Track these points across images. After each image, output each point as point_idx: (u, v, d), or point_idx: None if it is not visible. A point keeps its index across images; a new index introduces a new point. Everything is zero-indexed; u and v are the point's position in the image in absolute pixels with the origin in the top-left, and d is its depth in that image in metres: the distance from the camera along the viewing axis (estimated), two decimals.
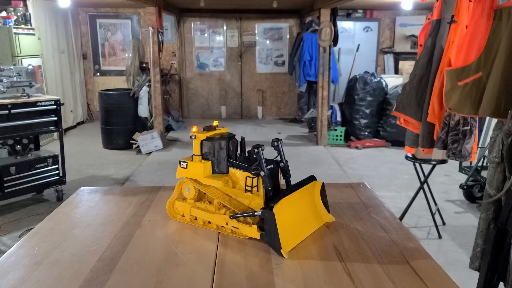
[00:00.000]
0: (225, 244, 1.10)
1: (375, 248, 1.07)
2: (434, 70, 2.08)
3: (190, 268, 0.99)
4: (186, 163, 1.22)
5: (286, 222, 1.07)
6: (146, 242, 1.12)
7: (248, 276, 0.95)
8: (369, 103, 6.33)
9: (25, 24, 5.81)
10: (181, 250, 1.08)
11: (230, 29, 8.46)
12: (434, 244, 3.18)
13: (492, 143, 1.67)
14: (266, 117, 8.81)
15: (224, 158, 1.21)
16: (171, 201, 1.28)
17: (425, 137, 2.14)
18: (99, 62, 8.16)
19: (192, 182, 1.21)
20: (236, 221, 1.13)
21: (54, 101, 3.82)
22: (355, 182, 1.61)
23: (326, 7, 6.06)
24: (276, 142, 1.21)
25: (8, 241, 3.16)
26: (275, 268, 0.98)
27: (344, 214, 1.29)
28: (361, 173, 4.98)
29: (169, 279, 0.94)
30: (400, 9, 7.32)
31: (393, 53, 8.41)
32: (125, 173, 4.85)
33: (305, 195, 1.19)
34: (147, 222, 1.25)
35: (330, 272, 0.96)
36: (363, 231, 1.17)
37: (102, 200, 1.46)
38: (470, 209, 3.85)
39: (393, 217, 1.28)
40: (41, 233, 1.19)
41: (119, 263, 1.01)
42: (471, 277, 1.91)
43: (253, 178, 1.11)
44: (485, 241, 1.69)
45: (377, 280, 0.93)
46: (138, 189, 1.56)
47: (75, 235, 1.17)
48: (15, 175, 3.63)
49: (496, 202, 1.66)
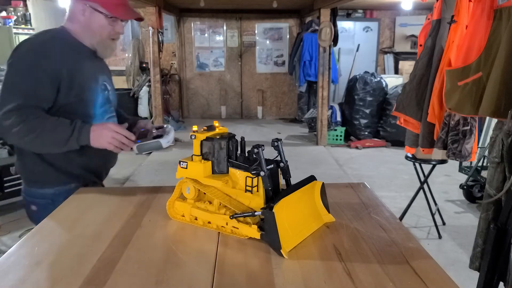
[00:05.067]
0: (225, 244, 1.10)
1: (375, 248, 1.07)
2: (434, 70, 2.08)
3: (190, 268, 0.99)
4: (186, 163, 1.22)
5: (286, 222, 1.07)
6: (146, 242, 1.12)
7: (248, 276, 0.95)
8: (369, 103, 6.33)
9: (25, 24, 5.81)
10: (181, 250, 1.08)
11: (230, 29, 8.46)
12: (434, 244, 3.18)
13: (492, 143, 1.67)
14: (266, 117, 8.81)
15: (224, 158, 1.21)
16: (171, 201, 1.28)
17: (425, 137, 2.14)
18: None
19: (192, 182, 1.21)
20: (236, 221, 1.13)
21: None
22: (355, 182, 1.61)
23: (326, 7, 6.06)
24: (276, 142, 1.21)
25: (8, 241, 3.16)
26: (275, 268, 0.98)
27: (344, 214, 1.29)
28: (361, 173, 4.98)
29: (169, 279, 0.94)
30: (400, 9, 7.32)
31: (393, 53, 8.41)
32: (125, 173, 4.85)
33: (305, 195, 1.19)
34: (147, 222, 1.25)
35: (330, 272, 0.96)
36: (363, 231, 1.17)
37: (102, 200, 1.46)
38: (470, 209, 3.85)
39: (393, 217, 1.28)
40: (41, 233, 1.19)
41: (119, 263, 1.01)
42: (471, 277, 1.91)
43: (253, 178, 1.10)
44: (485, 241, 1.69)
45: (377, 280, 0.93)
46: (138, 189, 1.56)
47: (75, 235, 1.17)
48: (15, 175, 3.63)
49: (496, 202, 1.66)
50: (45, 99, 1.46)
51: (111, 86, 1.72)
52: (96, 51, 1.62)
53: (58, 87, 1.47)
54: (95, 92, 1.58)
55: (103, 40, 1.59)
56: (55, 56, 1.47)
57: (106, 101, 1.65)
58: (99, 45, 1.60)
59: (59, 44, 1.53)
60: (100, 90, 1.61)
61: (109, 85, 1.69)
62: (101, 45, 1.60)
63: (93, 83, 1.57)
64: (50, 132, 1.42)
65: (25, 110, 1.39)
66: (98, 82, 1.60)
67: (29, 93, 1.42)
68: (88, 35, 1.58)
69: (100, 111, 1.61)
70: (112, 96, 1.71)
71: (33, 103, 1.42)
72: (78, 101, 1.52)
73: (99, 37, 1.58)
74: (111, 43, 1.62)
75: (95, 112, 1.58)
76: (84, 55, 1.58)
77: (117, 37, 1.62)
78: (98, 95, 1.60)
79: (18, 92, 1.41)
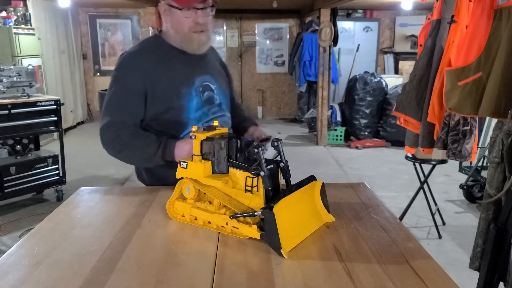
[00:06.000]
0: (225, 244, 1.10)
1: (375, 248, 1.07)
2: (434, 70, 2.08)
3: (190, 268, 0.99)
4: (186, 163, 1.22)
5: (286, 222, 1.07)
6: (146, 242, 1.12)
7: (248, 276, 0.95)
8: (369, 103, 6.33)
9: (25, 24, 5.81)
10: (181, 250, 1.08)
11: (230, 29, 8.46)
12: (434, 244, 3.18)
13: (492, 143, 1.67)
14: (266, 117, 8.81)
15: (224, 158, 1.21)
16: (171, 201, 1.28)
17: (425, 137, 2.14)
18: (99, 62, 8.16)
19: (192, 182, 1.21)
20: (236, 221, 1.13)
21: (54, 101, 3.82)
22: (355, 182, 1.61)
23: (326, 7, 6.06)
24: (276, 142, 1.22)
25: (8, 241, 3.16)
26: (275, 268, 0.98)
27: (344, 214, 1.29)
28: (361, 173, 4.98)
29: (169, 279, 0.94)
30: (400, 9, 7.32)
31: (393, 53, 8.41)
32: (125, 173, 4.84)
33: (305, 195, 1.19)
34: (147, 222, 1.25)
35: (330, 272, 0.96)
36: (363, 231, 1.17)
37: (102, 200, 1.46)
38: (470, 209, 3.85)
39: (393, 217, 1.28)
40: (41, 233, 1.19)
41: (119, 263, 1.01)
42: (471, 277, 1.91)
43: (253, 178, 1.11)
44: (485, 241, 1.69)
45: (377, 280, 0.93)
46: (138, 189, 1.56)
47: (75, 235, 1.17)
48: (15, 175, 3.63)
49: (496, 202, 1.66)
50: (135, 113, 1.49)
51: (217, 84, 1.63)
52: (185, 50, 1.56)
53: (145, 100, 1.49)
54: (186, 97, 1.53)
55: (186, 35, 1.52)
56: (138, 70, 1.49)
57: (205, 103, 1.58)
58: (184, 42, 1.54)
59: (145, 56, 1.53)
60: (195, 93, 1.55)
61: (213, 84, 1.62)
62: (186, 41, 1.54)
63: (184, 89, 1.52)
64: (139, 150, 1.46)
65: (118, 125, 1.46)
66: (192, 85, 1.55)
67: (119, 108, 1.48)
68: (174, 35, 1.54)
69: (195, 115, 1.55)
70: (220, 95, 1.63)
71: (124, 118, 1.47)
72: (168, 109, 1.51)
73: (182, 33, 1.52)
74: (196, 37, 1.52)
75: (188, 117, 1.54)
76: (175, 59, 1.54)
77: (200, 29, 1.51)
78: (192, 99, 1.54)
79: (111, 107, 1.49)
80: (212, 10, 1.54)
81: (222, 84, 1.68)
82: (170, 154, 1.44)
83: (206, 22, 1.52)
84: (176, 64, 1.55)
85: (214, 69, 1.68)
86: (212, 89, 1.61)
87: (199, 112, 1.57)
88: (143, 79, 1.48)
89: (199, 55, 1.59)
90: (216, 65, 1.72)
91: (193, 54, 1.57)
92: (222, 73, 1.73)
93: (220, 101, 1.64)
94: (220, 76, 1.69)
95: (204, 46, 1.58)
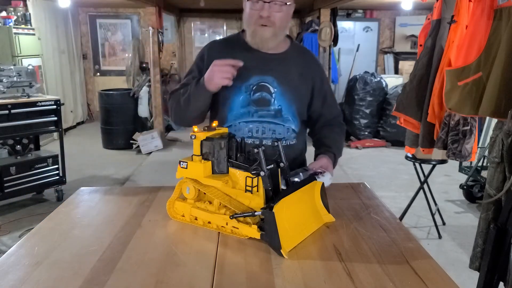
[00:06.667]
0: (225, 244, 1.10)
1: (375, 248, 1.07)
2: (434, 70, 2.08)
3: (190, 268, 0.99)
4: (186, 163, 1.22)
5: (286, 222, 1.07)
6: (146, 242, 1.12)
7: (248, 276, 0.95)
8: (369, 103, 6.33)
9: (25, 24, 5.81)
10: (181, 250, 1.08)
11: (230, 29, 8.46)
12: (434, 244, 3.18)
13: (492, 143, 1.67)
14: None
15: (224, 158, 1.21)
16: (171, 201, 1.28)
17: (425, 137, 2.14)
18: (99, 62, 8.16)
19: (192, 182, 1.21)
20: (236, 221, 1.13)
21: (54, 101, 3.82)
22: (355, 182, 1.62)
23: (326, 7, 6.07)
24: (276, 142, 1.22)
25: (8, 241, 3.16)
26: (275, 268, 0.98)
27: (344, 214, 1.29)
28: (361, 173, 4.98)
29: (169, 279, 0.94)
30: (400, 9, 7.31)
31: (393, 53, 8.41)
32: (125, 173, 4.85)
33: (305, 195, 1.19)
34: (147, 222, 1.25)
35: (330, 272, 0.96)
36: (363, 231, 1.17)
37: (102, 200, 1.46)
38: (470, 209, 3.85)
39: (393, 217, 1.28)
40: (41, 233, 1.19)
41: (119, 263, 1.01)
42: (471, 277, 1.91)
43: (253, 178, 1.11)
44: (485, 241, 1.69)
45: (377, 280, 0.93)
46: (138, 189, 1.56)
47: (75, 235, 1.17)
48: (15, 175, 3.63)
49: (496, 202, 1.66)
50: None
51: (281, 89, 1.52)
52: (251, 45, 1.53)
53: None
54: (233, 91, 1.50)
55: (251, 28, 1.49)
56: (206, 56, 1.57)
57: (254, 103, 1.51)
58: (250, 36, 1.51)
59: (220, 45, 1.62)
60: (245, 89, 1.51)
61: (275, 87, 1.51)
62: (251, 34, 1.50)
63: (235, 82, 1.45)
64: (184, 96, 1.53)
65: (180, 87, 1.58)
66: (245, 82, 1.50)
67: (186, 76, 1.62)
68: (246, 29, 1.53)
69: (238, 111, 1.52)
70: (282, 102, 1.52)
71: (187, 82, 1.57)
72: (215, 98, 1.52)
73: (248, 26, 1.49)
74: (259, 30, 1.47)
75: (230, 110, 1.52)
76: (242, 54, 1.50)
77: (264, 22, 1.45)
78: (239, 94, 1.51)
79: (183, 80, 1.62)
80: (284, 6, 1.47)
81: (293, 92, 1.55)
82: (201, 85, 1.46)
83: (271, 16, 1.44)
84: (240, 58, 1.45)
85: (289, 74, 1.56)
86: (270, 92, 1.52)
87: (243, 109, 1.52)
88: (206, 64, 1.51)
89: (275, 56, 1.55)
90: (296, 71, 1.58)
91: (264, 53, 1.53)
92: (305, 82, 1.59)
93: (280, 107, 1.53)
94: (294, 84, 1.56)
95: (268, 43, 1.51)
